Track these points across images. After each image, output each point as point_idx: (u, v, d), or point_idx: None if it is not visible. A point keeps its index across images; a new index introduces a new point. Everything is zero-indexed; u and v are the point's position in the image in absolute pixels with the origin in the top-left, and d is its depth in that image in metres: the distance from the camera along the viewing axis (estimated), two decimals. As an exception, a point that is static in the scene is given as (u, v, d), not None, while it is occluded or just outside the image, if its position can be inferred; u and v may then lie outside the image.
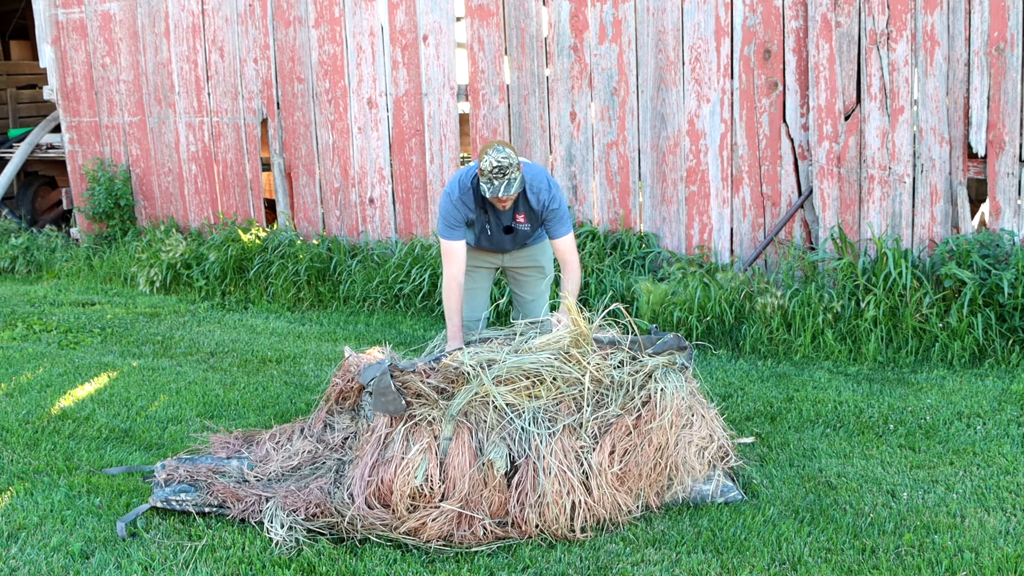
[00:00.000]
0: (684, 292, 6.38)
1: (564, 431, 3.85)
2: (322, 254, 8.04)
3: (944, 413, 4.97)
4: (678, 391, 4.02)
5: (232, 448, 4.57)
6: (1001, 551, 3.57)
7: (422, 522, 3.76)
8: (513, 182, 4.48)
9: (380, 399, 3.94)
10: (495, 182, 4.47)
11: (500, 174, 4.45)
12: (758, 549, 3.65)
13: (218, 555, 3.70)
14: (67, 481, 4.41)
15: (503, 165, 4.43)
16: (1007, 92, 6.02)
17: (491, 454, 3.79)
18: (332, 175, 8.45)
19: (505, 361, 3.96)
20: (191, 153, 9.22)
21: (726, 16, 6.73)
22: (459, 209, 4.71)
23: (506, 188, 4.47)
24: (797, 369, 5.82)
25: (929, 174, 6.30)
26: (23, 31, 14.65)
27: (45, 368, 6.26)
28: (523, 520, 3.77)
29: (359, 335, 6.88)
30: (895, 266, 6.06)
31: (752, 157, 6.80)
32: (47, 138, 11.34)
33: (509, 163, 4.44)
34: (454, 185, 4.76)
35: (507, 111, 7.58)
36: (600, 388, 4.01)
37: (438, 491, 3.80)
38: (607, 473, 3.84)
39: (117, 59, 9.49)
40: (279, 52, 8.49)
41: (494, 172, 4.44)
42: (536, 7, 7.36)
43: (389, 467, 3.83)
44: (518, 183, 4.50)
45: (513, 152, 4.48)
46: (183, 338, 6.97)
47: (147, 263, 8.66)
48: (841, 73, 6.41)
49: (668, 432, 3.95)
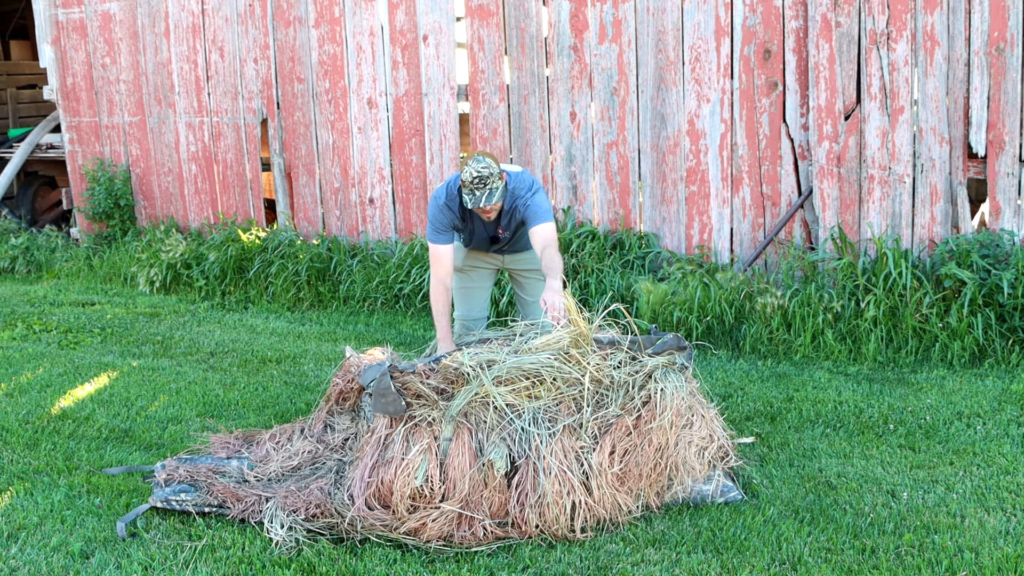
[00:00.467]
0: (684, 292, 6.38)
1: (564, 431, 3.85)
2: (322, 254, 8.04)
3: (944, 413, 4.97)
4: (678, 391, 4.02)
5: (232, 448, 4.57)
6: (1001, 551, 3.57)
7: (422, 523, 3.76)
8: (494, 192, 4.43)
9: (380, 400, 3.94)
10: (476, 193, 4.43)
11: (481, 184, 4.40)
12: (758, 549, 3.65)
13: (218, 555, 3.70)
14: (67, 481, 4.41)
15: (483, 176, 4.38)
16: (1007, 92, 6.02)
17: (491, 454, 3.79)
18: (332, 175, 8.45)
19: (505, 362, 3.95)
20: (191, 153, 9.22)
21: (726, 16, 6.73)
22: (445, 214, 4.69)
23: (487, 199, 4.43)
24: (797, 369, 5.82)
25: (929, 174, 6.30)
26: (23, 31, 14.65)
27: (45, 368, 6.26)
28: (523, 520, 3.77)
29: (359, 335, 6.88)
30: (895, 266, 6.06)
31: (752, 157, 6.80)
32: (47, 138, 11.34)
33: (489, 173, 4.39)
34: (442, 190, 4.74)
35: (507, 111, 7.58)
36: (600, 388, 4.01)
37: (438, 492, 3.80)
38: (607, 473, 3.84)
39: (117, 59, 9.49)
40: (279, 52, 8.49)
41: (475, 183, 4.40)
42: (536, 7, 7.36)
43: (389, 468, 3.83)
44: (499, 193, 4.45)
45: (494, 162, 4.43)
46: (183, 338, 6.97)
47: (147, 263, 8.66)
48: (841, 73, 6.41)
49: (668, 432, 3.95)
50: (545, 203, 4.67)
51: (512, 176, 4.67)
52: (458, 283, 5.11)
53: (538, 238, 4.59)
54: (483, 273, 5.18)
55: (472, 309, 5.20)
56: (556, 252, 4.58)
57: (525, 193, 4.63)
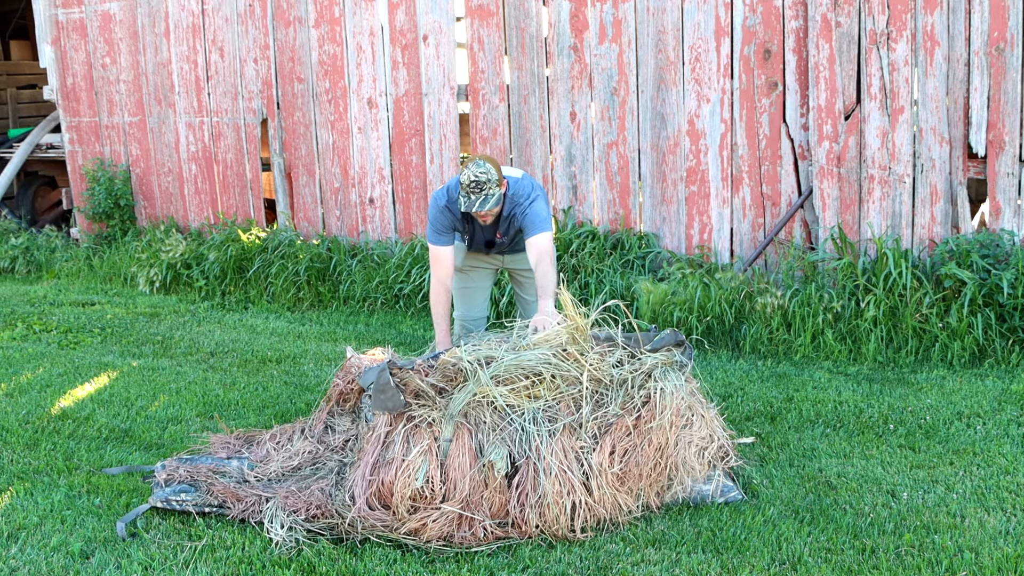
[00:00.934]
0: (684, 292, 6.38)
1: (564, 431, 3.85)
2: (322, 254, 8.04)
3: (944, 413, 4.97)
4: (678, 390, 4.02)
5: (232, 448, 4.57)
6: (1001, 551, 3.57)
7: (422, 523, 3.76)
8: (490, 198, 4.41)
9: (379, 396, 3.94)
10: (472, 196, 4.41)
11: (477, 189, 4.38)
12: (758, 549, 3.65)
13: (218, 555, 3.70)
14: (67, 481, 4.41)
15: (480, 180, 4.36)
16: (1007, 92, 6.02)
17: (491, 455, 3.79)
18: (332, 175, 8.45)
19: (503, 359, 3.95)
20: (191, 153, 9.22)
21: (726, 16, 6.73)
22: (445, 216, 4.68)
23: (481, 204, 4.41)
24: (797, 369, 5.82)
25: (929, 174, 6.30)
26: (23, 31, 14.64)
27: (45, 368, 6.26)
28: (523, 520, 3.77)
29: (359, 335, 6.88)
30: (895, 266, 6.06)
31: (752, 157, 6.80)
32: (47, 138, 11.34)
33: (487, 179, 4.37)
34: (443, 192, 4.73)
35: (507, 111, 7.58)
36: (599, 388, 4.01)
37: (439, 492, 3.80)
38: (607, 473, 3.84)
39: (117, 59, 9.49)
40: (279, 52, 8.49)
41: (471, 186, 4.38)
42: (536, 7, 7.36)
43: (390, 469, 3.83)
44: (495, 200, 4.42)
45: (494, 168, 4.41)
46: (183, 338, 6.97)
47: (147, 263, 8.66)
48: (841, 73, 6.41)
49: (668, 432, 3.95)
50: (543, 211, 4.61)
51: (513, 183, 4.64)
52: (458, 283, 5.11)
53: (533, 250, 4.55)
54: (483, 273, 5.18)
55: (472, 309, 5.20)
56: (551, 266, 4.51)
57: (524, 200, 4.60)
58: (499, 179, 4.45)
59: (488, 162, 4.42)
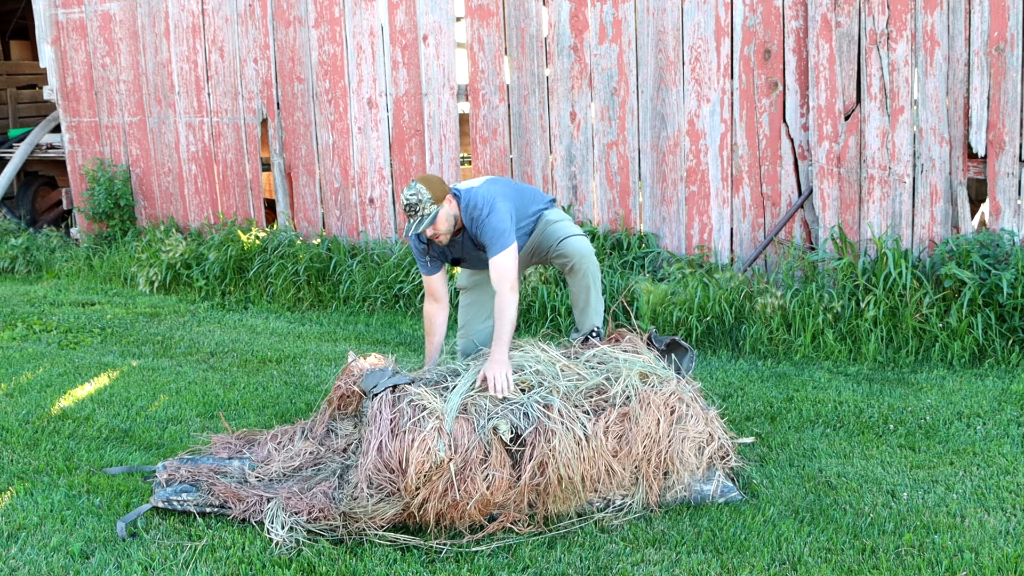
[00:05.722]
0: (684, 292, 6.38)
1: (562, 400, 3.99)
2: (322, 254, 8.04)
3: (944, 413, 4.97)
4: (658, 388, 4.13)
5: (234, 448, 4.57)
6: (1001, 551, 3.57)
7: (426, 497, 3.77)
8: (425, 219, 4.26)
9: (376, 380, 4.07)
10: (409, 220, 4.30)
11: (411, 212, 4.27)
12: (758, 549, 3.65)
13: (218, 555, 3.70)
14: (67, 481, 4.41)
15: (411, 203, 4.25)
16: (1007, 92, 6.02)
17: (494, 422, 3.83)
18: (332, 175, 8.45)
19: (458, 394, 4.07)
20: (191, 153, 9.22)
21: (726, 16, 6.73)
22: (414, 243, 4.59)
23: (417, 226, 4.28)
24: (797, 369, 5.82)
25: (929, 174, 6.30)
26: (23, 31, 14.65)
27: (45, 368, 6.26)
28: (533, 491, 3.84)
29: (359, 335, 6.89)
30: (895, 266, 6.06)
31: (752, 157, 6.80)
32: (47, 138, 11.35)
33: (418, 199, 4.24)
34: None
35: (507, 111, 7.58)
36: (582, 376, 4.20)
37: (445, 466, 3.80)
38: (601, 439, 3.91)
39: (117, 59, 9.49)
40: (279, 52, 8.49)
41: (406, 210, 4.29)
42: (536, 7, 7.36)
43: (402, 441, 3.80)
44: (430, 219, 4.27)
45: (426, 186, 4.26)
46: (183, 338, 6.97)
47: (147, 263, 8.66)
48: (841, 73, 6.42)
49: (658, 413, 4.02)
50: (500, 225, 4.28)
51: (465, 193, 4.41)
52: (464, 300, 4.95)
53: (493, 271, 4.29)
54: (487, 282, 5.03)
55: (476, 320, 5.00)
56: (508, 296, 4.20)
57: (480, 213, 4.33)
58: (437, 196, 4.28)
59: (421, 182, 4.27)
